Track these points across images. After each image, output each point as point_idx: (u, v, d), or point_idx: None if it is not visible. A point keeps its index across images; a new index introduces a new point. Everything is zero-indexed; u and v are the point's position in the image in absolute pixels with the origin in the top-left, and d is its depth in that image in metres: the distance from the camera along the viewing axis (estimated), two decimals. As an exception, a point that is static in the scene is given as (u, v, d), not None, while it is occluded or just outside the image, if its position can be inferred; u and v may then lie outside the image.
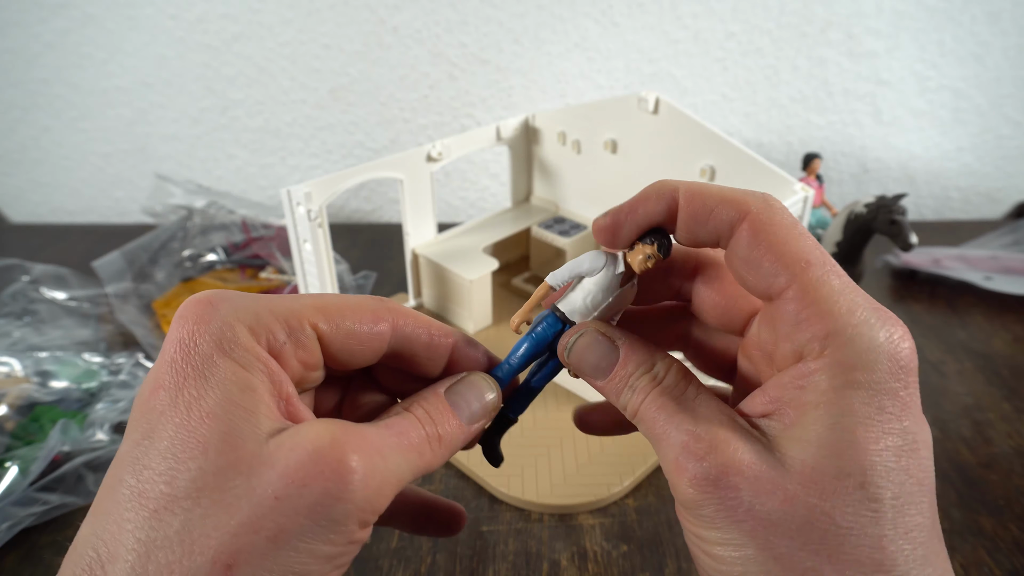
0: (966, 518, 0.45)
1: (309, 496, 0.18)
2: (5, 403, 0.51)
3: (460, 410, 0.23)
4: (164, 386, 0.19)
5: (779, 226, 0.20)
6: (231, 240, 0.72)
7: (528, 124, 0.69)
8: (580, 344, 0.23)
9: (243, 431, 0.18)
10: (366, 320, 0.22)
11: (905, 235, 0.54)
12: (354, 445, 0.19)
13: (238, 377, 0.19)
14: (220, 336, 0.19)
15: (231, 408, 0.18)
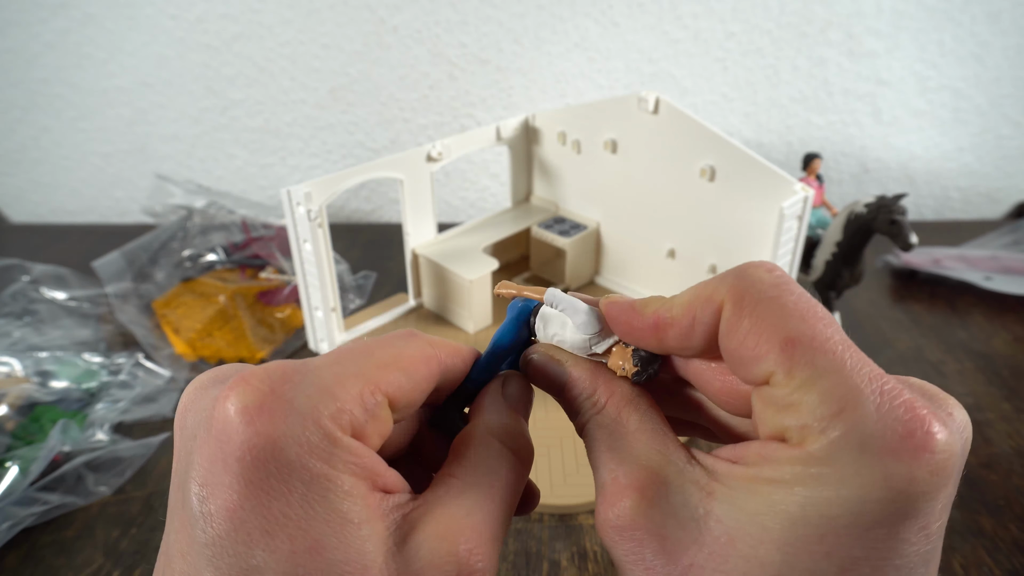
0: (966, 518, 0.45)
1: None
2: (5, 403, 0.51)
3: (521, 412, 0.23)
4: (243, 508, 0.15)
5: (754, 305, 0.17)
6: (231, 240, 0.72)
7: (528, 124, 0.69)
8: (533, 361, 0.23)
9: (357, 555, 0.16)
10: (422, 372, 0.20)
11: (905, 235, 0.54)
12: (476, 553, 0.18)
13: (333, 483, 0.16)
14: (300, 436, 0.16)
15: (337, 528, 0.16)
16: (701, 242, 0.60)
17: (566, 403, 0.23)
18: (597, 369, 0.22)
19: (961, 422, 0.16)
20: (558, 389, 0.23)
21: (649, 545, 0.17)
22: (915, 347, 0.64)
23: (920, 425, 0.15)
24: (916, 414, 0.15)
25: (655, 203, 0.62)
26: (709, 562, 0.16)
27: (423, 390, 0.20)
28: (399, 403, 0.19)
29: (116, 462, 0.49)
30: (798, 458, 0.16)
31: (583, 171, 0.67)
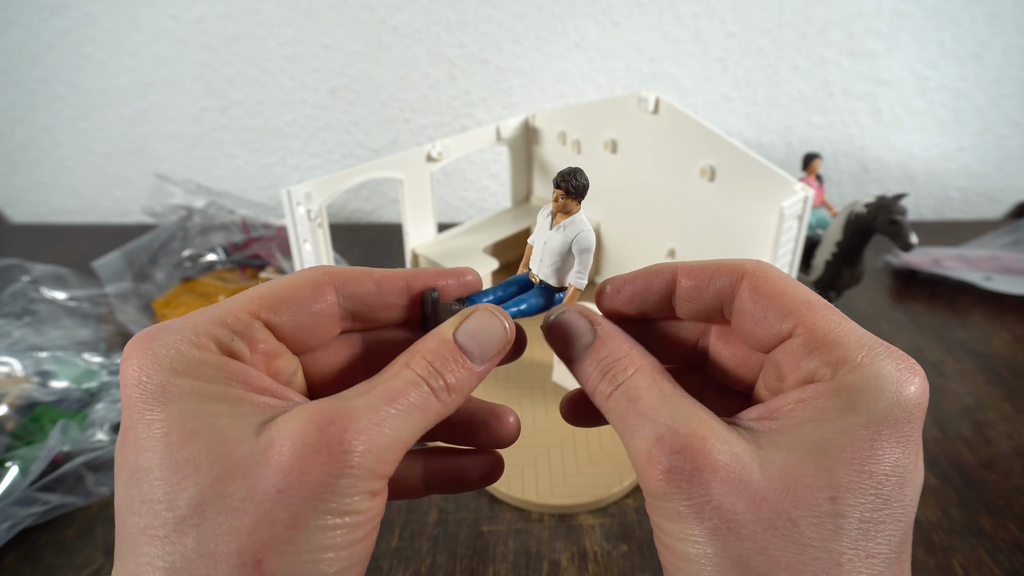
0: (966, 518, 0.45)
1: (310, 481, 0.18)
2: (5, 403, 0.51)
3: (472, 352, 0.22)
4: (133, 426, 0.19)
5: (776, 279, 0.21)
6: (231, 240, 0.72)
7: (528, 124, 0.69)
8: (560, 320, 0.24)
9: (228, 436, 0.18)
10: (307, 294, 0.22)
11: (905, 235, 0.54)
12: (343, 425, 0.19)
13: (201, 390, 0.19)
14: (168, 361, 0.19)
15: (207, 419, 0.18)
16: (701, 242, 0.60)
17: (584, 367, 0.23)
18: (627, 335, 0.23)
19: None
20: (580, 350, 0.23)
21: (717, 486, 0.18)
22: (915, 347, 0.64)
23: (912, 365, 0.19)
24: (908, 359, 0.20)
25: (655, 203, 0.62)
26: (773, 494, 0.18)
27: (313, 316, 0.22)
28: (282, 328, 0.22)
29: (116, 462, 0.49)
30: (834, 390, 0.19)
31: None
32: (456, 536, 0.44)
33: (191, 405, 0.19)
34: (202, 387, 0.19)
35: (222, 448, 0.18)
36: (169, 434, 0.18)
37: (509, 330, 0.23)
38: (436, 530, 0.45)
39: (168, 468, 0.18)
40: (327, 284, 0.23)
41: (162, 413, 0.18)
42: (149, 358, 0.19)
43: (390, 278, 0.24)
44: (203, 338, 0.20)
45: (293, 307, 0.22)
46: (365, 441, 0.19)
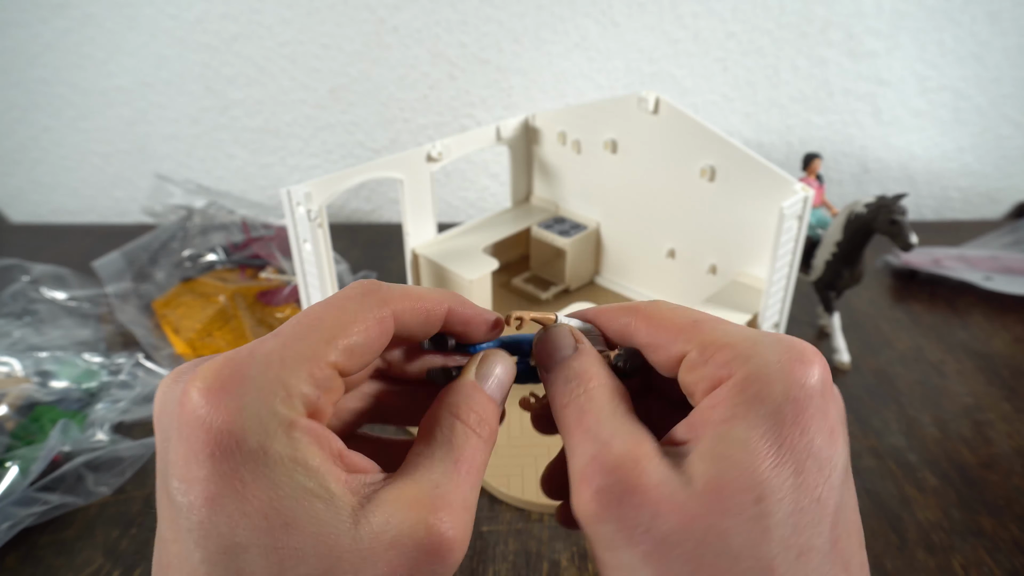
0: (966, 518, 0.45)
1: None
2: (5, 403, 0.51)
3: (496, 399, 0.23)
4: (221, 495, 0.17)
5: (665, 309, 0.23)
6: (231, 240, 0.72)
7: (528, 124, 0.69)
8: (551, 332, 0.24)
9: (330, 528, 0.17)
10: (375, 336, 0.21)
11: (905, 235, 0.54)
12: (446, 520, 0.19)
13: (296, 464, 0.17)
14: (260, 426, 0.17)
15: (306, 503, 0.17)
16: (701, 242, 0.60)
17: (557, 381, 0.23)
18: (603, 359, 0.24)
19: None
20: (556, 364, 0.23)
21: (647, 508, 0.18)
22: (915, 347, 0.64)
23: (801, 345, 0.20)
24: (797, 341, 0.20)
25: (655, 203, 0.62)
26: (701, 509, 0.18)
27: (375, 350, 0.21)
28: (350, 367, 0.20)
29: (116, 462, 0.49)
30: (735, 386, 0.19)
31: (583, 171, 0.67)
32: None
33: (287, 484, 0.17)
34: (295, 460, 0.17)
35: (328, 540, 0.17)
36: (268, 516, 0.17)
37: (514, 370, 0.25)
38: (436, 530, 0.45)
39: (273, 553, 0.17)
40: (388, 318, 0.21)
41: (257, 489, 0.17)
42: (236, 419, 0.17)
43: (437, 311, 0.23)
44: (295, 395, 0.18)
45: (366, 355, 0.21)
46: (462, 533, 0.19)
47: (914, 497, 0.47)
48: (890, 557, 0.42)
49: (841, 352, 0.61)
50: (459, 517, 0.19)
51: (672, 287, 0.65)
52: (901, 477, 0.49)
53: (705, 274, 0.61)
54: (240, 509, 0.17)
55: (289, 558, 0.17)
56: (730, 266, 0.59)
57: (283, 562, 0.17)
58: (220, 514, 0.17)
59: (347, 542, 0.17)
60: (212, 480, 0.17)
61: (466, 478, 0.20)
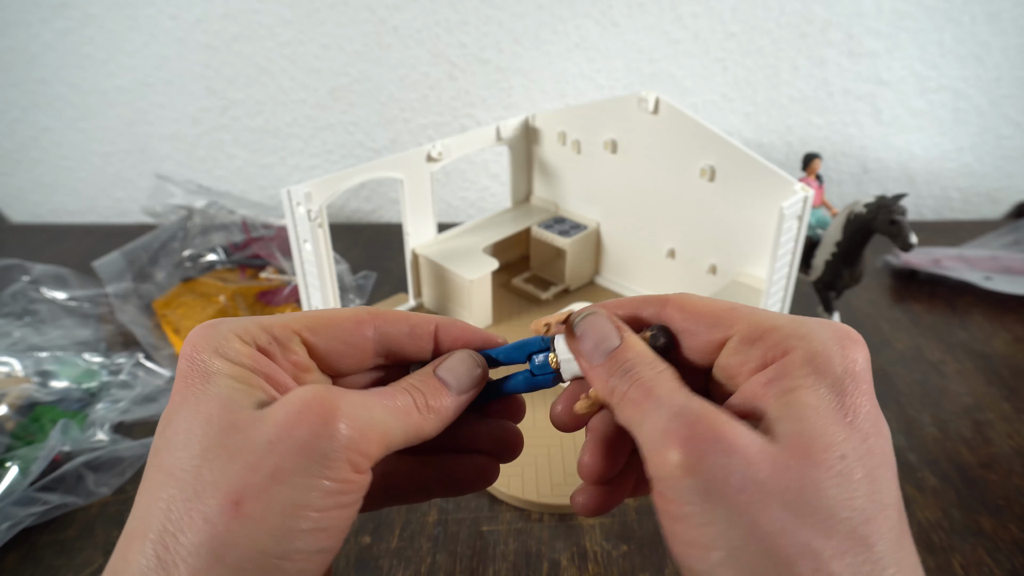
0: (966, 518, 0.45)
1: (299, 437, 0.20)
2: (5, 403, 0.51)
3: (448, 383, 0.25)
4: (177, 391, 0.22)
5: (697, 299, 0.24)
6: (231, 240, 0.72)
7: (528, 124, 0.69)
8: (589, 321, 0.25)
9: (240, 402, 0.21)
10: (346, 325, 0.26)
11: (905, 235, 0.54)
12: (338, 397, 0.21)
13: (232, 370, 0.22)
14: (216, 344, 0.23)
15: (229, 390, 0.22)
16: (701, 242, 0.60)
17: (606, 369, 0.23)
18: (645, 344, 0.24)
19: None
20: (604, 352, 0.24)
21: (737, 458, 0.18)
22: (915, 347, 0.64)
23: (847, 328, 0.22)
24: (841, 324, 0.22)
25: (655, 203, 0.62)
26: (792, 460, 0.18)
27: (351, 343, 0.25)
28: (318, 348, 0.25)
29: (116, 462, 0.49)
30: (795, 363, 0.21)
31: (583, 171, 0.67)
32: (456, 536, 0.44)
33: (220, 379, 0.22)
34: (232, 367, 0.22)
35: (232, 409, 0.21)
36: (199, 398, 0.22)
37: (481, 365, 0.27)
38: (436, 530, 0.45)
39: (189, 422, 0.21)
40: (368, 322, 0.26)
41: (199, 382, 0.22)
42: (204, 339, 0.23)
43: (422, 324, 0.27)
44: (246, 335, 0.23)
45: (332, 332, 0.25)
46: (351, 416, 0.21)
47: (914, 497, 0.47)
48: (890, 557, 0.42)
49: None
50: (353, 407, 0.21)
51: (672, 287, 0.65)
52: (901, 477, 0.49)
53: (705, 274, 0.61)
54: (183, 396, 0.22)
55: (202, 422, 0.21)
56: (730, 266, 0.59)
57: (193, 429, 0.21)
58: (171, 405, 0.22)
59: (247, 412, 0.21)
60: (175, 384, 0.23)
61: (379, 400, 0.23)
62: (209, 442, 0.20)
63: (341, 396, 0.22)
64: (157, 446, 0.22)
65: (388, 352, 0.27)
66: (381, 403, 0.23)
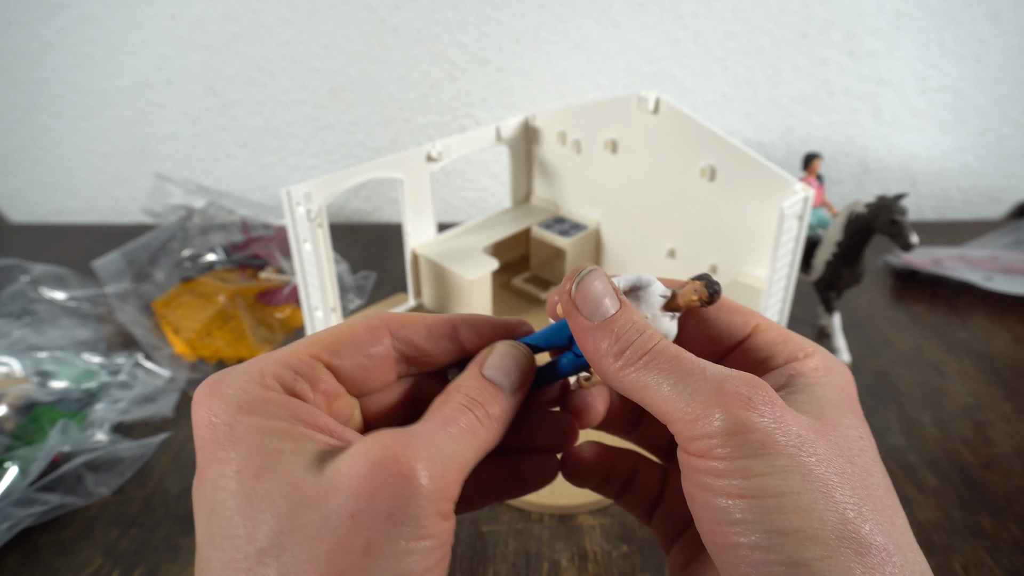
0: (966, 518, 0.45)
1: (382, 504, 0.18)
2: (5, 403, 0.51)
3: (500, 383, 0.23)
4: (207, 466, 0.20)
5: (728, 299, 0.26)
6: (231, 240, 0.72)
7: (528, 124, 0.69)
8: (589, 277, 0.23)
9: (297, 471, 0.19)
10: (363, 338, 0.23)
11: (906, 235, 0.54)
12: (406, 446, 0.19)
13: (267, 427, 0.20)
14: (235, 401, 0.20)
15: (274, 456, 0.19)
16: (701, 242, 0.60)
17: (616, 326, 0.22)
18: None
19: None
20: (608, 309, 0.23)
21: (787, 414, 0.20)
22: (915, 347, 0.64)
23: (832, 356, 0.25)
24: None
25: (655, 203, 0.62)
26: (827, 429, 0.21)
27: (370, 358, 0.23)
28: (342, 369, 0.23)
29: (116, 462, 0.49)
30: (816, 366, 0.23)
31: (583, 171, 0.67)
32: (456, 536, 0.44)
33: (259, 442, 0.19)
34: (267, 424, 0.20)
35: (292, 480, 0.19)
36: (241, 471, 0.19)
37: (527, 355, 0.24)
38: (436, 530, 0.45)
39: (244, 503, 0.19)
40: (382, 328, 0.24)
41: (232, 452, 0.19)
42: (217, 399, 0.20)
43: (440, 323, 0.25)
44: (268, 378, 0.21)
45: (352, 350, 0.23)
46: (428, 461, 0.19)
47: (914, 497, 0.47)
48: (890, 557, 0.42)
49: (841, 352, 0.61)
50: (426, 452, 0.19)
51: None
52: (901, 477, 0.49)
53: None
54: (220, 472, 0.19)
55: (258, 504, 0.19)
56: (730, 266, 0.59)
57: (253, 510, 0.18)
58: (206, 483, 0.19)
59: (310, 480, 0.19)
60: (200, 454, 0.20)
61: (444, 431, 0.21)
62: (281, 527, 0.18)
63: (410, 441, 0.20)
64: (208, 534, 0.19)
65: (410, 358, 0.25)
66: (447, 432, 0.21)
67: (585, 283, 0.23)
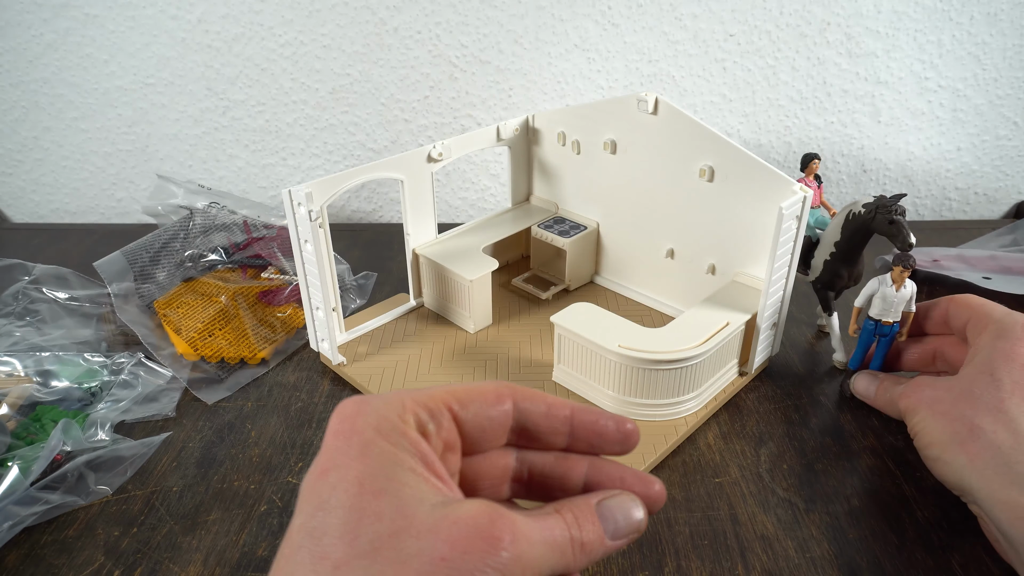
0: (966, 517, 0.46)
1: (469, 561, 0.20)
2: (6, 403, 0.51)
3: (607, 523, 0.25)
4: (333, 467, 0.22)
5: (970, 297, 0.49)
6: (232, 240, 0.72)
7: (528, 124, 0.69)
8: (857, 380, 0.55)
9: (410, 502, 0.21)
10: (491, 399, 0.26)
11: (904, 235, 0.54)
12: (508, 526, 0.21)
13: (396, 456, 0.22)
14: (376, 423, 0.23)
15: (396, 483, 0.21)
16: (700, 242, 0.60)
17: (881, 392, 0.52)
18: None
19: None
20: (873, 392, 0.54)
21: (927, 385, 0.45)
22: None
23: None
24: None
25: (655, 203, 0.62)
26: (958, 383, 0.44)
27: (492, 418, 0.26)
28: (466, 423, 0.25)
29: (117, 461, 0.49)
30: (985, 340, 0.44)
31: (583, 171, 0.67)
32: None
33: (385, 465, 0.22)
34: (396, 454, 0.22)
35: (407, 510, 0.21)
36: (363, 484, 0.21)
37: (641, 521, 0.26)
38: (436, 529, 0.45)
39: (355, 511, 0.21)
40: (508, 395, 0.26)
41: (360, 464, 0.22)
42: (360, 416, 0.23)
43: (558, 405, 0.27)
44: (407, 414, 0.23)
45: (478, 406, 0.25)
46: (516, 547, 0.21)
47: (913, 496, 0.47)
48: (889, 556, 0.42)
49: (840, 352, 0.61)
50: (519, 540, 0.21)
51: (672, 287, 0.65)
52: (900, 476, 0.49)
53: (704, 274, 0.61)
54: (343, 477, 0.21)
55: (367, 517, 0.20)
56: (729, 266, 0.59)
57: (361, 520, 0.20)
58: (324, 482, 0.22)
59: (423, 514, 0.21)
60: (327, 456, 0.22)
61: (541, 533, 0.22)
62: (382, 543, 0.20)
63: (512, 525, 0.21)
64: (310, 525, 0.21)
65: (522, 429, 0.27)
66: (542, 536, 0.23)
67: (856, 384, 0.54)
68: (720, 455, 0.50)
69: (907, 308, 0.53)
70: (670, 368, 0.50)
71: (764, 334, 0.56)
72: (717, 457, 0.50)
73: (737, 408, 0.55)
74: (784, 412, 0.55)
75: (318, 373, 0.60)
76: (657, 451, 0.49)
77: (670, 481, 0.48)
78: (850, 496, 0.47)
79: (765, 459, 0.50)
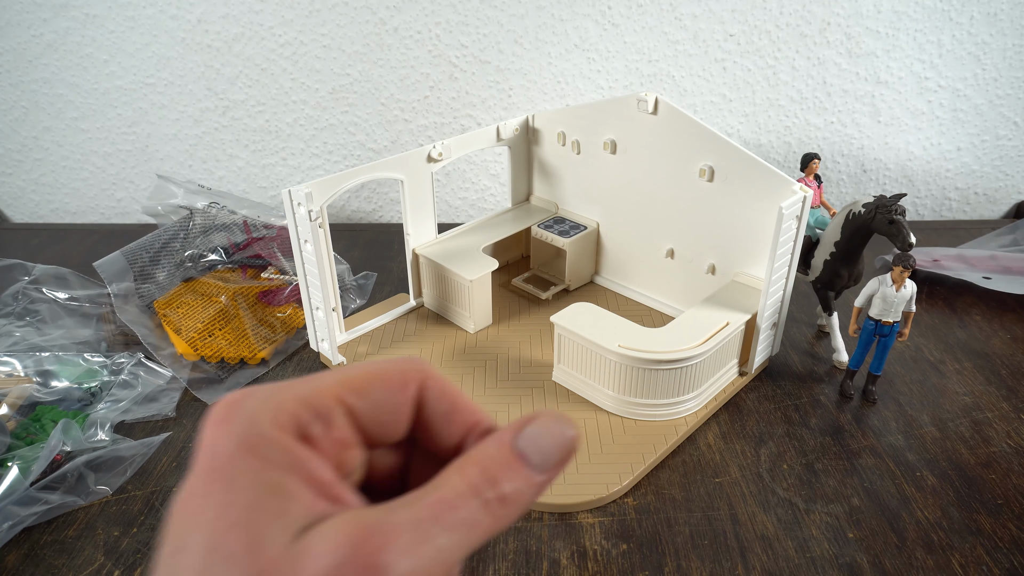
0: (965, 517, 0.46)
1: None
2: (6, 403, 0.51)
3: (531, 456, 0.20)
4: (193, 494, 0.18)
5: None
6: (232, 240, 0.72)
7: (528, 124, 0.69)
8: None
9: (268, 538, 0.18)
10: (395, 384, 0.21)
11: (904, 235, 0.54)
12: (385, 539, 0.18)
13: (263, 478, 0.19)
14: (244, 434, 0.19)
15: (257, 514, 0.18)
16: (700, 242, 0.60)
17: None
18: None
19: None
20: None
21: None
22: (914, 347, 0.64)
23: None
24: None
25: (655, 203, 0.62)
26: None
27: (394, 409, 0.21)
28: (363, 416, 0.21)
29: (117, 462, 0.49)
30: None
31: (583, 171, 0.67)
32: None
33: (247, 490, 0.18)
34: (261, 475, 0.19)
35: (262, 548, 0.17)
36: (220, 516, 0.18)
37: (574, 438, 0.21)
38: (436, 529, 0.45)
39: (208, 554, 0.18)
40: (415, 379, 0.22)
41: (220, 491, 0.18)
42: (226, 426, 0.19)
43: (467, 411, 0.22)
44: (284, 415, 0.19)
45: (380, 393, 0.21)
46: (405, 561, 0.17)
47: (913, 496, 0.47)
48: (889, 556, 0.42)
49: (840, 352, 0.61)
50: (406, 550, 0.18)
51: (671, 287, 0.65)
52: (900, 476, 0.49)
53: (704, 274, 0.61)
54: (200, 507, 0.18)
55: (219, 561, 0.17)
56: (729, 266, 0.59)
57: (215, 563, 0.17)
58: (184, 514, 0.18)
59: (277, 549, 0.17)
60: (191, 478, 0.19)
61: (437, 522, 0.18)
62: None
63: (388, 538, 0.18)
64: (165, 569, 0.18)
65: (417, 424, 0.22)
66: (439, 522, 0.18)
67: None
68: (720, 455, 0.50)
69: (907, 308, 0.53)
70: (670, 368, 0.50)
71: (764, 334, 0.56)
72: (717, 457, 0.50)
73: (737, 408, 0.55)
74: (784, 412, 0.55)
75: (318, 373, 0.60)
76: (657, 451, 0.49)
77: (670, 481, 0.48)
78: (850, 496, 0.47)
79: (765, 459, 0.50)
